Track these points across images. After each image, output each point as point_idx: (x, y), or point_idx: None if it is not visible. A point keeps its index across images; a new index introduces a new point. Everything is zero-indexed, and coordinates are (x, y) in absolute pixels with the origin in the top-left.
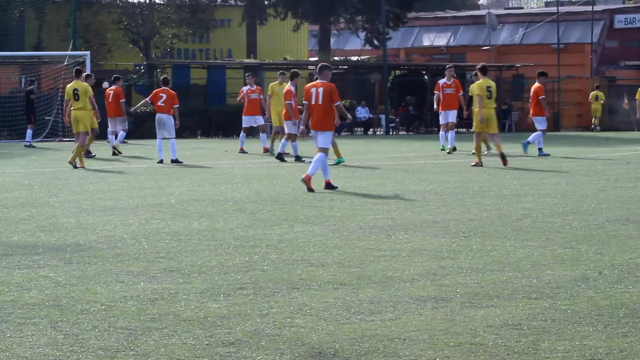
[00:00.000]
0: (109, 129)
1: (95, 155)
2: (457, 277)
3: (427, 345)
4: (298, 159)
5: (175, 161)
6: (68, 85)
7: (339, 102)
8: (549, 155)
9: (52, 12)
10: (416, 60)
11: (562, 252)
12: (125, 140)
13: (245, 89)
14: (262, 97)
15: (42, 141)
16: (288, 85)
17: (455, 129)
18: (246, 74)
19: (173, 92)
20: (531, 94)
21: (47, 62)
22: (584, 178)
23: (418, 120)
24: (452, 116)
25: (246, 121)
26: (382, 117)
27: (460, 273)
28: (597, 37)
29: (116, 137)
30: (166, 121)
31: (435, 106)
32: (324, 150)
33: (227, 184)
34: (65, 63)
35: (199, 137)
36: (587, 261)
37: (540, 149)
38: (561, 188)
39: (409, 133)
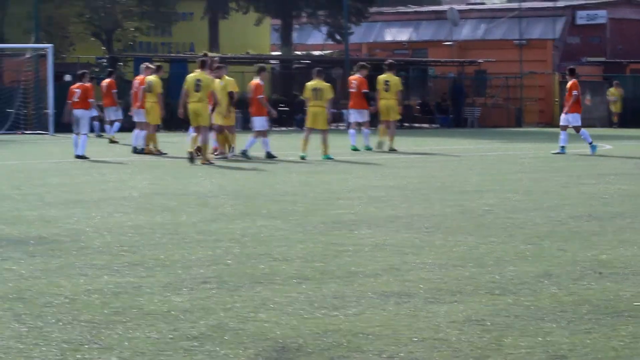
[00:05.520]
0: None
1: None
2: (420, 272)
3: (391, 341)
4: (269, 155)
5: (80, 157)
6: (190, 75)
7: None
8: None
9: (14, 4)
10: (378, 55)
11: (525, 248)
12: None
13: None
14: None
15: (4, 134)
16: (257, 80)
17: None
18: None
19: (87, 85)
20: None
21: (9, 54)
22: (546, 174)
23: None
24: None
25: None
26: (344, 112)
27: (423, 268)
28: (559, 33)
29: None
30: (80, 117)
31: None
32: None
33: (190, 177)
34: (27, 56)
35: (161, 130)
36: (550, 257)
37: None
38: (524, 184)
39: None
